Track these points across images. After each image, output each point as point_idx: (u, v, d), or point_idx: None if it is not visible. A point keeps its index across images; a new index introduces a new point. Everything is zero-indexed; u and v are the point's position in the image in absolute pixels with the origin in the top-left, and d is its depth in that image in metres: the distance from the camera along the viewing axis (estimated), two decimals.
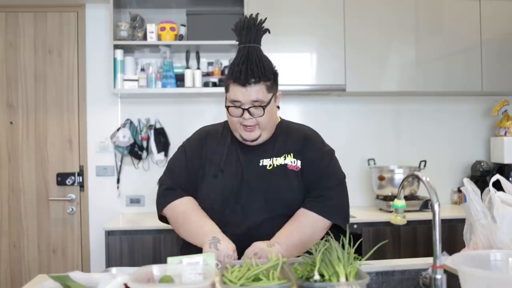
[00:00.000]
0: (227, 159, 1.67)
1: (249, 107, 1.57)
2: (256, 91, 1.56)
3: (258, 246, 1.47)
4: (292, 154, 1.66)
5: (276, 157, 1.66)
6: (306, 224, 1.59)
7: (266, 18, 1.67)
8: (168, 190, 1.71)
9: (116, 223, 3.04)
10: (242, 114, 1.58)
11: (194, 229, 1.59)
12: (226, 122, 1.77)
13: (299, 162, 1.66)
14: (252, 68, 1.55)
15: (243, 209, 1.61)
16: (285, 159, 1.65)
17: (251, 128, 1.61)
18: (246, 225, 1.59)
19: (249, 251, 1.47)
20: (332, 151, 1.74)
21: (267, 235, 1.56)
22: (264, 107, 1.58)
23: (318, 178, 1.65)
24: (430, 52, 3.24)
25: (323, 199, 1.62)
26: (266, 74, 1.57)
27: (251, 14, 1.67)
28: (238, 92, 1.56)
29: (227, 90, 1.62)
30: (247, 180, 1.63)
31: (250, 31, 1.63)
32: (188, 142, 1.79)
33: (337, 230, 1.62)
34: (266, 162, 1.65)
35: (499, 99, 3.50)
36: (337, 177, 1.69)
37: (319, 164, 1.67)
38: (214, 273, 1.19)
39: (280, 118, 1.79)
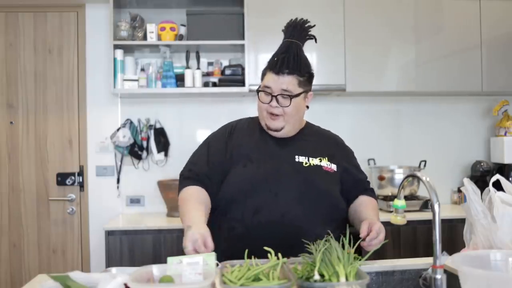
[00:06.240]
0: (258, 149, 1.71)
1: (278, 95, 1.64)
2: (287, 81, 1.64)
3: (378, 224, 1.55)
4: (326, 158, 1.73)
5: (311, 157, 1.71)
6: (376, 207, 1.79)
7: (314, 25, 1.78)
8: (184, 180, 1.74)
9: (116, 223, 3.04)
10: (271, 100, 1.66)
11: (182, 215, 1.61)
12: (252, 118, 1.85)
13: (334, 166, 1.73)
14: (288, 59, 1.65)
15: (277, 197, 1.62)
16: (320, 161, 1.71)
17: (276, 117, 1.68)
18: (280, 212, 1.61)
19: (373, 227, 1.53)
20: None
21: (299, 224, 1.60)
22: (292, 97, 1.64)
23: (356, 179, 1.81)
24: (430, 52, 3.24)
25: (370, 191, 1.82)
26: (300, 69, 1.66)
27: (302, 18, 1.78)
28: (271, 79, 1.65)
29: (262, 79, 1.71)
30: (282, 171, 1.66)
31: (296, 29, 1.73)
32: (213, 138, 1.82)
33: (339, 229, 1.63)
34: (302, 159, 1.70)
35: (499, 99, 3.50)
36: (365, 174, 1.88)
37: (352, 166, 1.82)
38: (214, 273, 1.19)
39: (306, 121, 1.85)
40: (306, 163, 1.69)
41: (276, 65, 1.64)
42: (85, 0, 3.32)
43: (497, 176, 1.53)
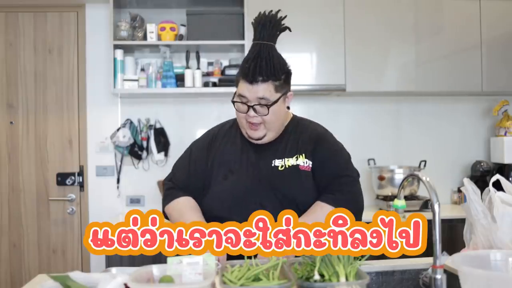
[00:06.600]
0: (238, 159, 1.67)
1: (254, 105, 1.57)
2: (263, 89, 1.55)
3: None
4: (304, 155, 1.65)
5: (288, 157, 1.64)
6: (320, 216, 1.51)
7: (285, 16, 1.64)
8: (169, 191, 1.73)
9: None
10: (248, 110, 1.58)
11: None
12: (234, 121, 1.78)
13: (310, 163, 1.64)
14: (261, 66, 1.55)
15: (264, 208, 1.55)
16: (297, 160, 1.64)
17: (256, 127, 1.61)
18: None
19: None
20: (343, 149, 1.74)
21: None
22: (269, 106, 1.57)
23: (331, 176, 1.63)
24: (430, 52, 3.24)
25: (338, 193, 1.60)
26: (275, 73, 1.56)
27: (271, 11, 1.64)
28: (245, 89, 1.57)
29: (236, 85, 1.62)
30: (261, 180, 1.62)
31: (265, 28, 1.61)
32: (195, 145, 1.79)
33: None
34: (278, 162, 1.64)
35: (499, 99, 3.50)
36: (350, 174, 1.68)
37: (331, 163, 1.66)
38: (214, 273, 1.19)
39: (293, 114, 1.78)
40: (281, 167, 1.63)
41: (249, 74, 1.54)
42: (85, 0, 3.33)
43: (497, 176, 1.53)
